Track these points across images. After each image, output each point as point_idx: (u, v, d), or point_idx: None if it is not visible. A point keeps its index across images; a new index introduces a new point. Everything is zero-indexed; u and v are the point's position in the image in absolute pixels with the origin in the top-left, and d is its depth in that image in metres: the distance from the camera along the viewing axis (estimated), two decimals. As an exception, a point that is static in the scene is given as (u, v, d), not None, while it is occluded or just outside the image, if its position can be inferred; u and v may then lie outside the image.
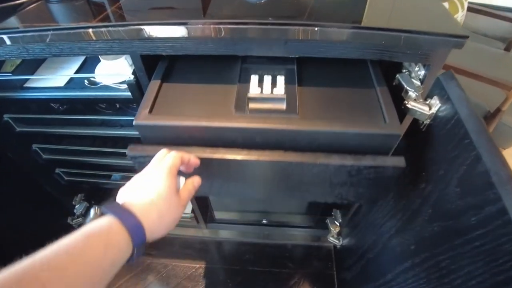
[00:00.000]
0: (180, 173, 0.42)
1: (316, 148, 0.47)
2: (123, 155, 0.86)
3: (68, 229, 1.05)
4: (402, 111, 0.53)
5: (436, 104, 0.47)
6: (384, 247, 0.64)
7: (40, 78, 0.68)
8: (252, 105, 0.48)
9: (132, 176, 0.41)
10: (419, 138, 0.52)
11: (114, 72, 0.63)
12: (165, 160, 0.40)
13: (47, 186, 0.99)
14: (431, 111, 0.48)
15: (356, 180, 0.50)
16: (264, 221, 1.17)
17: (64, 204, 1.10)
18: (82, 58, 0.72)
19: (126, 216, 0.33)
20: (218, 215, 1.19)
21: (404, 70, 0.55)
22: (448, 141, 0.43)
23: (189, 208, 1.16)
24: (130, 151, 0.49)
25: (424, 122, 0.50)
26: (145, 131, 0.50)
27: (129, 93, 0.61)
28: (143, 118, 0.48)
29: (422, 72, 0.52)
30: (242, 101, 0.49)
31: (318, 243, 1.14)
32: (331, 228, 1.03)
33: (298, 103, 0.49)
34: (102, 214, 0.33)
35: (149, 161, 0.42)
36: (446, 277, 0.41)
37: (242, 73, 0.54)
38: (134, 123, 0.48)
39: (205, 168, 0.47)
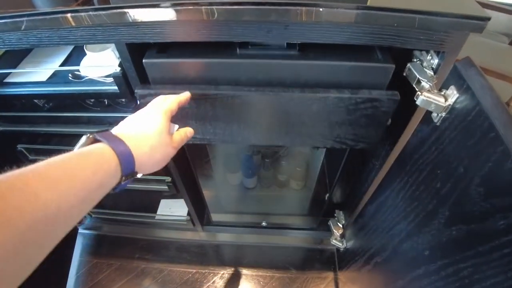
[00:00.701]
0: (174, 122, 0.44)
1: (315, 85, 0.50)
2: None
3: None
4: (413, 104, 0.49)
5: (453, 94, 0.42)
6: (394, 252, 0.59)
7: (21, 72, 0.63)
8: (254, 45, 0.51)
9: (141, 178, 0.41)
10: (433, 133, 0.47)
11: (100, 65, 0.58)
12: (162, 103, 0.42)
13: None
14: (447, 103, 0.43)
15: (354, 118, 0.52)
16: (263, 223, 1.13)
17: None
18: (67, 52, 0.67)
19: (117, 144, 0.34)
20: (215, 217, 1.14)
21: (415, 59, 0.50)
22: (469, 135, 0.39)
23: (184, 210, 1.11)
24: (138, 89, 0.51)
25: (439, 115, 0.45)
26: (153, 69, 0.51)
27: (116, 87, 0.56)
28: (151, 56, 0.50)
29: (435, 61, 0.48)
30: (245, 43, 0.50)
31: (320, 246, 1.10)
32: (334, 230, 0.98)
33: (298, 45, 0.50)
34: (95, 140, 0.34)
35: None
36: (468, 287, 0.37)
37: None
38: (143, 61, 0.49)
39: (210, 107, 0.51)
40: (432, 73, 0.48)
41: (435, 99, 0.44)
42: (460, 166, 0.40)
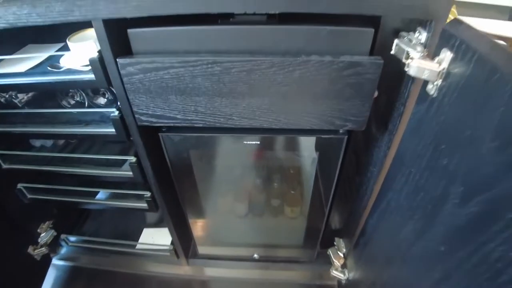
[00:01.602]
0: None
1: (296, 53, 0.49)
2: (100, 164, 0.75)
3: (27, 259, 0.86)
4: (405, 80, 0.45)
5: (446, 56, 0.38)
6: (403, 262, 0.48)
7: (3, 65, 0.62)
8: (236, 17, 0.52)
9: (119, 193, 0.34)
10: (431, 107, 0.42)
11: (81, 55, 0.57)
12: None
13: (5, 205, 0.85)
14: (441, 67, 0.39)
15: (339, 89, 0.50)
16: (255, 256, 0.99)
17: (27, 229, 0.95)
18: (55, 49, 0.67)
19: None
20: (202, 250, 1.02)
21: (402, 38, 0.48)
22: (471, 90, 0.34)
23: (168, 239, 1.00)
24: (120, 58, 0.50)
25: (435, 84, 0.41)
26: (137, 39, 0.51)
27: (92, 75, 0.54)
28: (136, 26, 0.50)
29: (423, 35, 0.46)
30: (227, 18, 0.52)
31: (320, 282, 0.94)
32: (334, 260, 0.85)
33: (277, 16, 0.52)
34: None
35: (138, 72, 0.50)
36: (504, 273, 0.27)
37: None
38: (128, 31, 0.50)
39: (190, 77, 0.50)
40: (422, 48, 0.45)
41: (428, 65, 0.40)
42: (466, 129, 0.34)
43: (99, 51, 0.52)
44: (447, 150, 0.38)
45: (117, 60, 0.50)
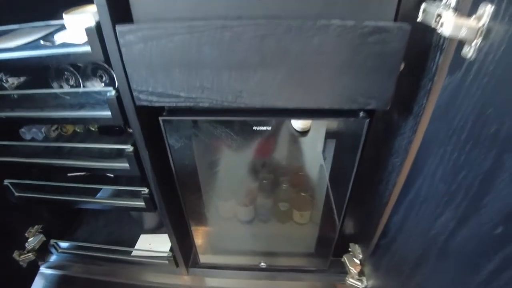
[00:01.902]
0: None
1: (314, 18, 0.44)
2: (94, 157, 0.69)
3: (12, 266, 0.77)
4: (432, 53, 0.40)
5: (487, 10, 0.34)
6: (440, 260, 0.41)
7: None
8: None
9: (114, 191, 0.30)
10: (469, 72, 0.37)
11: (78, 29, 0.53)
12: None
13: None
14: (481, 22, 0.34)
15: (361, 59, 0.46)
16: (262, 264, 0.91)
17: (13, 232, 0.87)
18: (52, 28, 0.63)
19: None
20: (203, 258, 0.94)
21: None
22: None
23: (167, 246, 0.92)
24: (119, 26, 0.46)
25: (473, 44, 0.36)
26: (139, 5, 0.47)
27: (88, 48, 0.49)
28: None
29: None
30: None
31: (334, 292, 0.85)
32: (350, 268, 0.77)
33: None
34: None
35: (138, 41, 0.45)
36: None
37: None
38: None
39: (196, 46, 0.46)
40: (454, 11, 0.40)
41: (465, 22, 0.36)
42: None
43: (97, 22, 0.48)
44: (495, 114, 0.33)
45: (116, 27, 0.46)
